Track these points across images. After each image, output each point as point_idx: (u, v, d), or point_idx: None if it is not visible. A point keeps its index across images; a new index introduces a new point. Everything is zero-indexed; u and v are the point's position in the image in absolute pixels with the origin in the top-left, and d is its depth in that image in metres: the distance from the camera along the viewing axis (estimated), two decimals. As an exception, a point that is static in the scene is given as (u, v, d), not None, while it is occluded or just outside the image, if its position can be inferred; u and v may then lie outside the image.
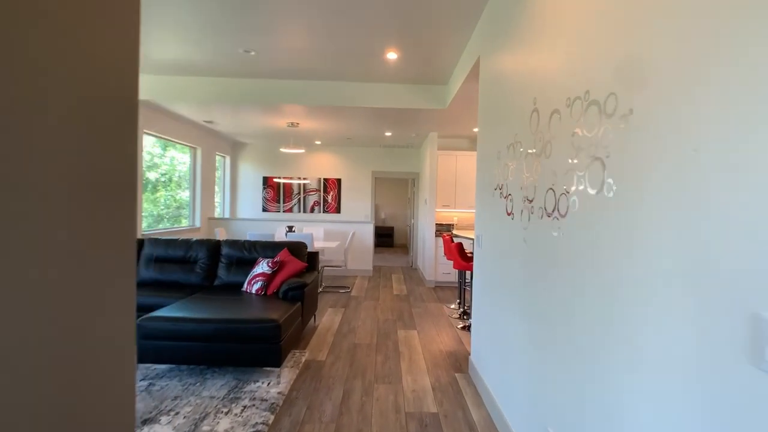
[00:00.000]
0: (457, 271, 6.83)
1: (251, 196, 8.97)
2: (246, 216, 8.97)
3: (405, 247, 12.88)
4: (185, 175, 7.32)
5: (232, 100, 5.19)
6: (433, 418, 2.65)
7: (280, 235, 7.04)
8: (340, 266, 6.28)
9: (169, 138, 6.39)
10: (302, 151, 6.51)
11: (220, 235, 6.33)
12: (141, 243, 4.53)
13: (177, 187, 7.19)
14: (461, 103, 4.96)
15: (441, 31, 3.67)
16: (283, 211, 8.93)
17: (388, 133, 7.12)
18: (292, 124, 6.39)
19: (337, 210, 8.88)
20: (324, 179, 8.89)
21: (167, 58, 4.54)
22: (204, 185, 7.58)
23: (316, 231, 7.13)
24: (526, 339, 2.08)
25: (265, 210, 8.95)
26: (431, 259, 6.86)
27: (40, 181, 0.43)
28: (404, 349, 3.94)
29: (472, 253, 5.41)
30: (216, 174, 8.39)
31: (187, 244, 4.50)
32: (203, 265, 4.41)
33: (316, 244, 6.33)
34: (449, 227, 7.29)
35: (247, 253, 4.43)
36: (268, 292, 3.93)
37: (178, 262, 4.45)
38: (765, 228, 0.79)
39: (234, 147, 8.95)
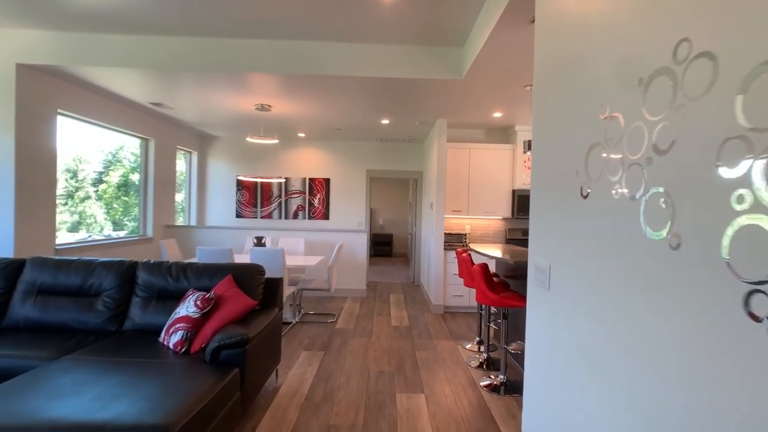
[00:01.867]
0: (472, 291, 5.40)
1: (223, 200, 7.56)
2: (217, 223, 7.55)
3: (406, 257, 11.45)
4: (134, 173, 5.89)
5: (174, 65, 3.78)
6: None
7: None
8: (323, 290, 4.85)
9: (103, 123, 4.98)
10: (275, 141, 5.10)
11: (167, 249, 4.90)
12: (20, 265, 3.10)
13: (126, 188, 5.76)
14: (486, 69, 3.56)
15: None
16: (261, 217, 7.51)
17: (384, 121, 5.72)
18: (262, 106, 4.98)
19: (325, 216, 7.46)
20: (309, 179, 7.48)
21: (82, 4, 3.14)
22: (159, 185, 6.16)
23: (294, 243, 5.71)
24: None
25: (239, 215, 7.53)
26: (438, 277, 5.43)
27: None
28: (407, 438, 2.51)
29: (500, 278, 3.98)
30: (178, 172, 6.97)
31: (88, 267, 3.07)
32: (110, 299, 2.98)
33: (293, 261, 4.90)
34: (461, 238, 5.87)
35: (173, 281, 3.01)
36: (193, 349, 2.50)
37: (73, 295, 3.02)
38: None
39: (202, 141, 7.55)
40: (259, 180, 7.09)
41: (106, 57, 3.79)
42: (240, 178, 5.56)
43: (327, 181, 7.47)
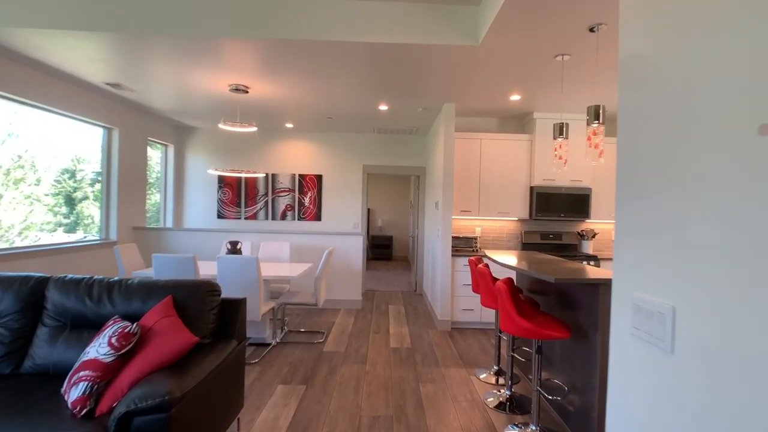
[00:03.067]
0: (486, 307, 4.67)
1: (203, 199, 6.79)
2: (198, 225, 6.78)
3: (407, 261, 10.68)
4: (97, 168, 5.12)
5: (120, 25, 3.02)
6: None
7: (243, 253, 4.85)
8: (309, 305, 4.07)
9: (52, 108, 4.21)
10: (252, 129, 4.33)
11: (124, 257, 4.12)
12: None
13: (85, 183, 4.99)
14: (508, 33, 2.79)
15: None
16: (246, 218, 6.74)
17: (383, 107, 4.95)
18: (237, 88, 4.21)
19: (317, 217, 6.68)
20: (299, 176, 6.70)
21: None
22: (126, 182, 5.39)
23: (277, 249, 4.93)
24: None
25: (221, 216, 6.76)
26: (445, 288, 4.66)
27: None
28: None
29: (524, 293, 3.19)
30: (149, 167, 6.20)
31: (-18, 285, 2.30)
32: (5, 329, 2.21)
33: (273, 271, 4.13)
34: (470, 242, 5.09)
35: (93, 304, 2.23)
36: (101, 409, 1.73)
37: None
38: None
39: (178, 133, 6.78)
40: (236, 175, 6.32)
41: (37, 16, 3.02)
42: (212, 171, 4.78)
43: (319, 177, 6.69)
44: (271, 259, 4.91)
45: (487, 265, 3.16)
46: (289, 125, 6.23)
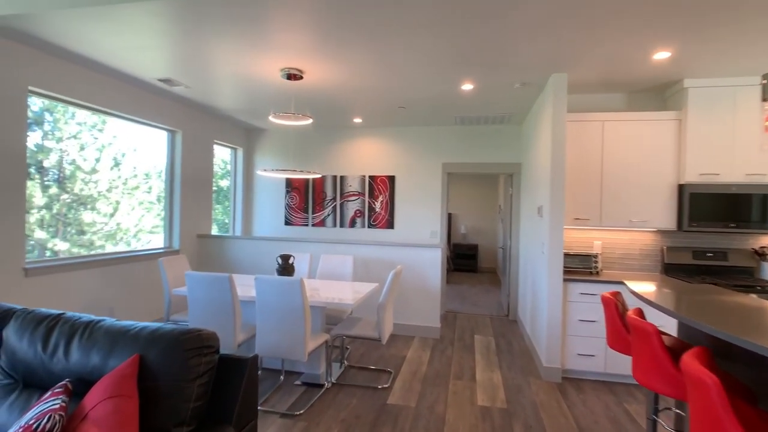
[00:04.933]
0: (608, 348, 3.37)
1: (272, 204, 6.33)
2: (265, 231, 6.34)
3: (494, 274, 9.37)
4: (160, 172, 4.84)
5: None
6: None
7: (299, 267, 4.20)
8: (371, 339, 3.19)
9: (105, 108, 3.91)
10: (307, 122, 3.59)
11: (169, 271, 3.63)
12: None
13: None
14: None
15: None
16: (313, 225, 6.13)
17: (467, 86, 3.91)
18: (290, 72, 3.51)
19: (389, 224, 5.83)
20: (369, 177, 5.91)
21: None
22: (190, 187, 5.05)
23: (339, 264, 4.15)
24: None
25: (288, 223, 6.23)
26: (555, 323, 3.45)
27: None
28: None
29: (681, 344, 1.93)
30: (216, 171, 5.88)
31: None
32: (-45, 382, 1.65)
33: (326, 293, 3.33)
34: (588, 261, 3.79)
35: (46, 356, 1.58)
36: None
37: None
38: None
39: (248, 135, 6.41)
40: (290, 176, 5.71)
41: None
42: (261, 173, 4.15)
43: (391, 179, 5.83)
44: (331, 275, 4.14)
45: (640, 313, 1.97)
46: (358, 120, 5.46)
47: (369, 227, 5.88)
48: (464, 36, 2.78)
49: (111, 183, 4.21)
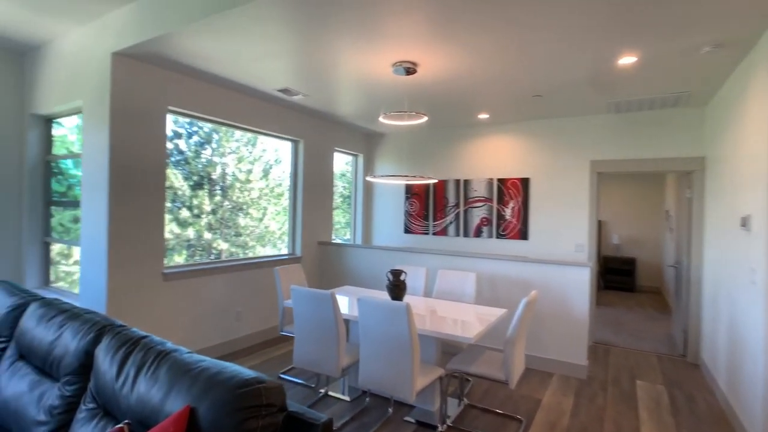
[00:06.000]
0: None
1: (391, 211, 6.10)
2: (384, 241, 6.15)
3: (659, 295, 7.60)
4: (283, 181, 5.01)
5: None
6: None
7: (413, 283, 3.83)
8: (496, 380, 2.59)
9: (233, 122, 4.12)
10: (423, 119, 3.18)
11: (284, 280, 3.59)
12: (21, 309, 2.13)
13: (275, 197, 4.95)
14: None
15: None
16: (434, 233, 5.69)
17: (627, 59, 2.99)
18: (402, 66, 3.14)
19: (522, 234, 5.02)
20: (498, 181, 5.21)
21: None
22: (310, 193, 5.12)
23: (459, 282, 3.60)
24: None
25: (408, 231, 5.92)
26: (776, 390, 2.33)
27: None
28: None
29: None
30: (335, 179, 5.89)
31: (60, 324, 1.84)
32: (60, 398, 1.66)
33: (441, 321, 2.84)
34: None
35: (125, 389, 1.43)
36: None
37: (39, 371, 1.86)
38: None
39: (368, 141, 6.31)
40: (402, 182, 5.30)
41: (183, 11, 2.67)
42: (371, 179, 3.86)
43: (524, 182, 5.03)
44: (450, 294, 3.63)
45: None
46: (483, 116, 4.84)
47: (497, 237, 5.18)
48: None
49: (260, 191, 4.69)
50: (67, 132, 3.93)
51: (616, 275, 7.93)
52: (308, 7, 2.33)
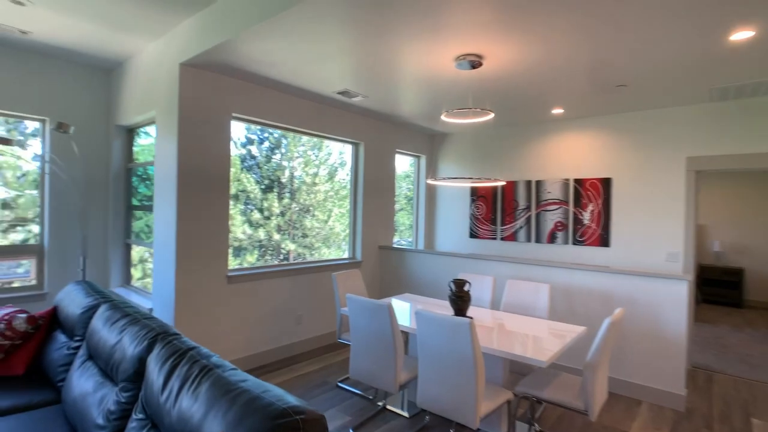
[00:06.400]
0: None
1: (456, 214, 5.83)
2: (448, 246, 5.89)
3: (773, 314, 6.47)
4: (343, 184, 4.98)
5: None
6: None
7: (479, 294, 3.57)
8: (575, 410, 2.27)
9: (295, 127, 4.15)
10: (489, 116, 2.92)
11: (341, 286, 3.51)
12: (94, 310, 2.24)
13: (339, 198, 4.96)
14: None
15: None
16: (502, 238, 5.32)
17: (740, 34, 2.49)
18: (466, 59, 2.91)
19: (603, 241, 4.50)
20: (575, 181, 4.73)
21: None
22: (371, 196, 5.03)
23: (531, 294, 3.26)
24: None
25: (473, 235, 5.60)
26: None
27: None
28: None
29: None
30: (399, 180, 5.74)
31: (123, 326, 1.89)
32: (116, 403, 1.68)
33: (515, 330, 2.57)
34: None
35: (164, 398, 1.39)
36: None
37: (102, 373, 1.93)
38: None
39: (431, 142, 6.09)
40: (466, 185, 4.98)
41: (246, 14, 2.69)
42: (431, 182, 3.63)
43: (605, 182, 4.51)
44: (520, 307, 3.30)
45: None
46: (557, 111, 4.41)
47: (574, 244, 4.70)
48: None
49: (326, 193, 4.79)
50: (152, 140, 4.23)
51: (717, 287, 6.91)
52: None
